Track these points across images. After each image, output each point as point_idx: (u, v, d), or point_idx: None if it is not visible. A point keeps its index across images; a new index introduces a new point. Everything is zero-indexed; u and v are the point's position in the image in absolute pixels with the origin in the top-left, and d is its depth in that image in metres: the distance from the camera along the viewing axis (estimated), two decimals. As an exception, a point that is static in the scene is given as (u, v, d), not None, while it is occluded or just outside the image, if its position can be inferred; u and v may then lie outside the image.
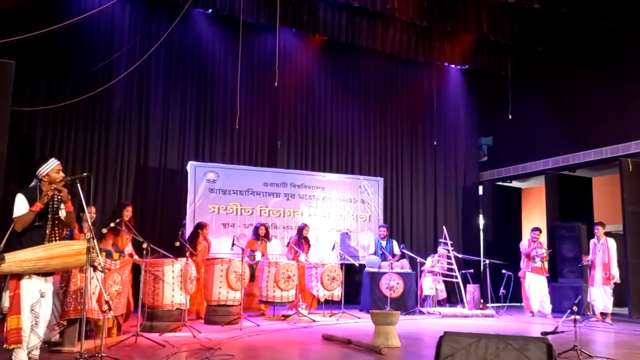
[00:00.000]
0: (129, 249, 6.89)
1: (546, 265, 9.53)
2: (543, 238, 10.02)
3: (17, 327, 3.84)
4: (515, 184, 12.90)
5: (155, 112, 9.83)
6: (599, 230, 8.85)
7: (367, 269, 9.50)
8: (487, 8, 10.07)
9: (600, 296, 8.67)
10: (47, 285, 4.08)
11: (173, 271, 6.55)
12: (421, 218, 12.15)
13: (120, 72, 9.01)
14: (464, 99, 13.02)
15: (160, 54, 9.75)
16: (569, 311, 5.73)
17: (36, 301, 3.95)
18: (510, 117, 10.94)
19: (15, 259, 3.76)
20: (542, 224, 10.59)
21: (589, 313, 8.68)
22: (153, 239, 6.63)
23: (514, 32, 10.44)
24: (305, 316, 8.05)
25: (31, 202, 3.95)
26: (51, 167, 4.10)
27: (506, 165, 12.36)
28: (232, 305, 7.40)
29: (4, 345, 3.89)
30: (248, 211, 9.98)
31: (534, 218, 12.70)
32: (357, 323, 7.84)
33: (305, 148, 11.21)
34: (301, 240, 9.07)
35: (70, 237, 5.27)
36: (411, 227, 12.02)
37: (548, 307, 9.36)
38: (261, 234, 8.72)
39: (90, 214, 6.08)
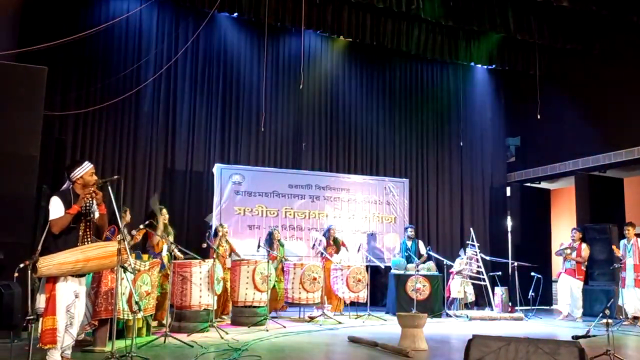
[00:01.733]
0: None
1: (583, 268, 9.29)
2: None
3: (52, 328, 3.93)
4: (544, 185, 12.69)
5: (182, 115, 9.97)
6: (630, 231, 8.66)
7: (393, 271, 9.45)
8: (515, 6, 9.95)
9: (632, 299, 8.47)
10: (81, 287, 4.17)
11: (200, 272, 6.63)
12: (447, 220, 12.05)
13: (148, 77, 9.18)
14: (491, 99, 12.87)
15: (187, 58, 9.90)
16: (600, 314, 5.60)
17: (71, 302, 4.03)
18: (538, 117, 10.76)
19: (55, 262, 3.83)
20: (572, 226, 10.39)
21: (621, 317, 8.48)
22: (180, 240, 6.73)
23: (542, 31, 10.28)
24: (331, 318, 8.05)
25: (66, 204, 4.03)
26: (85, 170, 4.19)
27: (534, 166, 12.16)
28: (259, 307, 7.44)
29: (38, 345, 3.98)
30: (273, 213, 10.03)
31: (564, 220, 12.48)
32: (383, 325, 7.81)
33: (330, 149, 11.23)
34: (330, 242, 9.06)
35: (111, 238, 5.36)
36: (437, 229, 11.92)
37: (578, 312, 9.14)
38: (275, 239, 8.66)
39: (125, 216, 6.26)
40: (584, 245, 9.27)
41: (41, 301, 3.96)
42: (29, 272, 3.69)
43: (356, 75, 11.60)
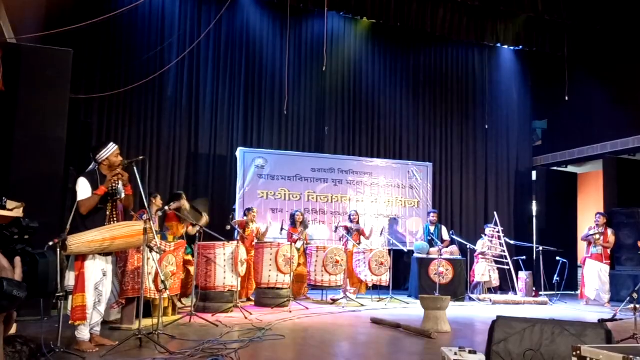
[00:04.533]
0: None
1: (609, 253, 9.14)
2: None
3: (82, 305, 4.04)
4: (570, 169, 12.46)
5: (205, 99, 10.01)
6: None
7: (415, 254, 9.42)
8: (543, -14, 9.70)
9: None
10: (108, 266, 4.26)
11: (224, 254, 6.70)
12: (471, 204, 11.93)
13: (171, 60, 9.22)
14: (517, 82, 12.63)
15: (210, 41, 9.91)
16: (628, 299, 5.51)
17: (100, 280, 4.14)
18: (567, 98, 10.52)
19: (83, 240, 3.93)
20: (600, 210, 10.19)
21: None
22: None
23: (570, 11, 10.02)
24: (353, 300, 8.07)
25: (93, 185, 4.11)
26: (111, 151, 4.25)
27: (561, 150, 11.94)
28: (282, 289, 7.50)
29: (69, 322, 4.09)
30: (296, 197, 10.06)
31: (591, 204, 12.24)
32: (405, 308, 7.81)
33: (352, 133, 11.17)
34: (352, 227, 9.05)
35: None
36: (461, 213, 11.82)
37: (606, 296, 8.99)
38: (298, 221, 8.70)
39: (155, 201, 6.36)
40: (610, 231, 9.10)
41: (70, 279, 4.06)
42: (59, 249, 3.77)
43: (380, 58, 11.48)
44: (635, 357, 2.11)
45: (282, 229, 8.23)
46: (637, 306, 5.28)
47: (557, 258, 9.42)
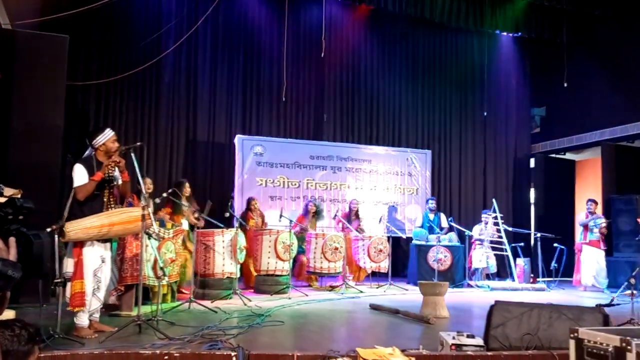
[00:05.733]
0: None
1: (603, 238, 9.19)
2: (598, 211, 9.66)
3: (80, 291, 4.04)
4: (569, 156, 12.45)
5: (203, 86, 9.96)
6: None
7: (414, 241, 9.44)
8: (542, -29, 9.63)
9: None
10: (106, 252, 4.26)
11: (223, 241, 6.71)
12: (470, 191, 11.93)
13: (168, 47, 9.16)
14: (516, 68, 12.57)
15: (207, 27, 9.84)
16: (625, 284, 5.54)
17: (98, 266, 4.14)
18: (565, 85, 10.48)
19: (81, 226, 3.92)
20: (598, 197, 10.19)
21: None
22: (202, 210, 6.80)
23: (570, -4, 9.95)
24: (352, 287, 8.10)
25: (89, 171, 4.09)
26: (108, 137, 4.23)
27: (560, 137, 11.91)
28: (281, 275, 7.52)
29: (67, 308, 4.09)
30: (295, 184, 10.05)
31: (589, 191, 12.25)
32: (404, 295, 7.84)
33: (351, 120, 11.14)
34: (351, 215, 9.06)
35: (133, 204, 5.46)
36: (459, 201, 11.83)
37: (604, 282, 9.03)
38: (311, 211, 8.73)
39: (146, 185, 6.31)
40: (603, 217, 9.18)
41: (69, 265, 4.06)
42: (56, 236, 3.76)
43: (378, 45, 11.41)
44: (632, 338, 2.12)
45: (281, 215, 8.23)
46: (634, 292, 5.30)
47: (555, 245, 9.45)
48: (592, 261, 9.08)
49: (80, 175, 4.08)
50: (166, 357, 3.34)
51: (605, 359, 2.25)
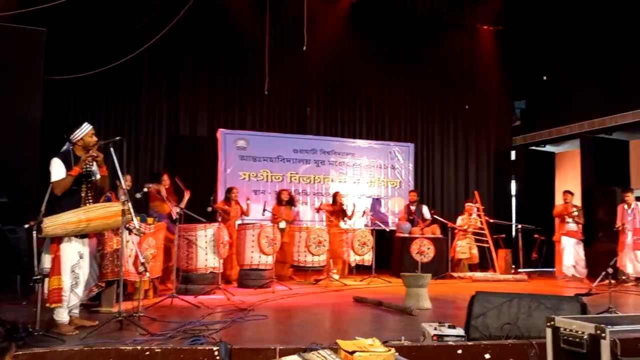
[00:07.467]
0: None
1: (581, 229, 9.34)
2: (577, 202, 9.81)
3: (58, 287, 3.98)
4: (548, 148, 12.59)
5: (184, 79, 9.88)
6: (629, 197, 8.68)
7: (397, 234, 9.50)
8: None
9: (631, 261, 8.54)
10: (85, 248, 4.21)
11: (206, 235, 6.67)
12: (452, 184, 12.02)
13: (149, 39, 9.03)
14: (497, 62, 12.64)
15: (189, 20, 9.71)
16: (603, 274, 5.63)
17: (76, 262, 4.09)
18: (544, 78, 10.59)
19: (58, 222, 3.87)
20: (577, 189, 10.36)
21: (623, 277, 8.54)
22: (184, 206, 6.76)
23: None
24: (336, 280, 8.12)
25: (67, 166, 4.03)
26: (85, 131, 4.17)
27: (540, 129, 12.05)
28: (265, 270, 7.51)
29: (46, 305, 4.04)
30: (278, 178, 10.03)
31: (568, 183, 12.40)
32: (387, 287, 7.89)
33: (334, 114, 11.14)
34: (336, 207, 9.08)
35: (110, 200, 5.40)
36: (442, 193, 11.92)
37: (583, 271, 9.19)
38: (284, 199, 8.70)
39: (126, 182, 6.25)
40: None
41: (46, 261, 4.01)
42: (34, 232, 3.71)
43: (361, 38, 11.39)
44: (607, 326, 2.15)
45: (264, 210, 8.21)
46: (612, 281, 5.39)
47: (535, 235, 9.58)
48: (570, 251, 9.23)
49: (57, 170, 4.02)
50: (147, 353, 3.32)
51: (580, 347, 2.29)
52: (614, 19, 10.29)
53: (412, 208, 9.82)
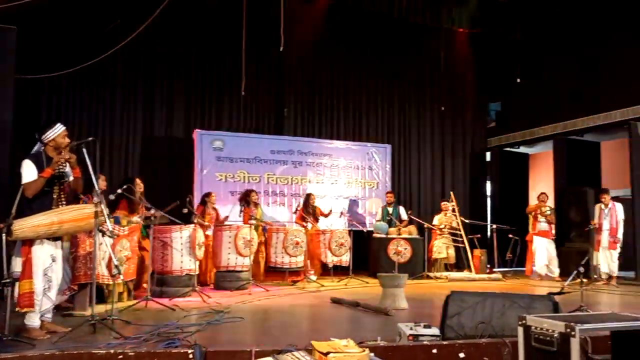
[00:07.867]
0: None
1: (553, 229, 9.52)
2: (550, 203, 9.99)
3: (29, 291, 3.90)
4: (522, 149, 12.81)
5: (160, 79, 9.77)
6: (606, 198, 8.84)
7: (375, 235, 9.54)
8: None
9: (606, 260, 8.72)
10: (57, 251, 4.13)
11: (181, 237, 6.61)
12: (429, 184, 12.12)
13: (124, 39, 8.91)
14: (472, 64, 12.80)
15: (164, 20, 9.60)
16: (575, 273, 5.74)
17: (49, 265, 4.00)
18: (518, 81, 10.77)
19: (29, 225, 3.78)
20: (550, 190, 10.55)
21: (595, 276, 8.72)
22: (160, 207, 6.67)
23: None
24: (313, 281, 8.12)
25: (38, 167, 3.96)
26: (58, 132, 4.10)
27: (514, 131, 12.24)
28: (241, 271, 7.47)
29: (16, 309, 3.95)
30: (255, 179, 9.99)
31: (541, 184, 12.64)
32: (365, 287, 7.92)
33: (312, 115, 11.13)
34: (309, 209, 9.07)
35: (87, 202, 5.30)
36: (419, 194, 12.00)
37: (556, 270, 9.37)
38: (253, 200, 8.60)
39: (99, 181, 6.14)
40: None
41: (17, 265, 3.92)
42: (4, 235, 3.63)
43: (337, 39, 11.40)
44: (576, 324, 2.19)
45: (241, 211, 8.18)
46: (584, 280, 5.49)
47: (510, 235, 9.72)
48: (543, 250, 9.39)
49: (28, 172, 3.94)
50: (120, 357, 3.27)
51: (551, 345, 2.33)
52: (587, 23, 10.50)
53: (389, 209, 9.88)
